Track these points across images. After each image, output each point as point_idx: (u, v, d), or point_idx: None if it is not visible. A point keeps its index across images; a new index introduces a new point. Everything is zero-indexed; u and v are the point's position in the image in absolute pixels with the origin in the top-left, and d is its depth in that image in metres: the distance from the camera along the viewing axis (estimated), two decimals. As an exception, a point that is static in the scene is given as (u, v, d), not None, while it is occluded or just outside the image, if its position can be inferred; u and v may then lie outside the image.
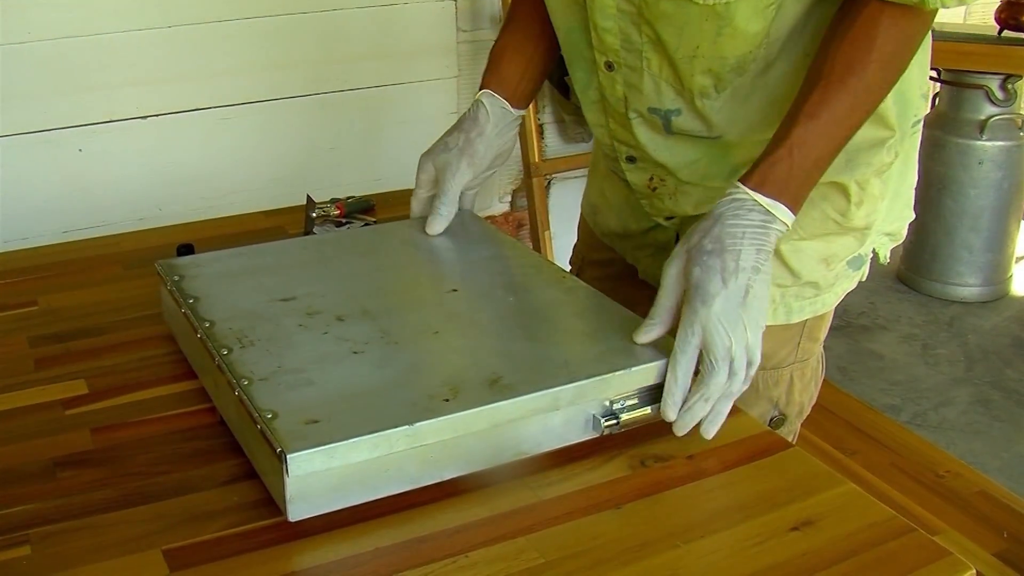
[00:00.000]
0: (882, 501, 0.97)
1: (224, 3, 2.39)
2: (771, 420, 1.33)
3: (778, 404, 1.33)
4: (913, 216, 1.42)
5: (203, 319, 1.09)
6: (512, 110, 1.36)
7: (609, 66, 1.23)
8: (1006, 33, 3.28)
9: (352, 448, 0.89)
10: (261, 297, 1.15)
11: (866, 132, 1.19)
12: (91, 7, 2.24)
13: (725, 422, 1.03)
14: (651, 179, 1.32)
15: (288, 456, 0.87)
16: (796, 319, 1.31)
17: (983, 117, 3.34)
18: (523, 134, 2.78)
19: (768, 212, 1.05)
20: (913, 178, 1.39)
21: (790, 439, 1.28)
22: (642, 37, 1.17)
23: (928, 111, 3.61)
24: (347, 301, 1.15)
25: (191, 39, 2.38)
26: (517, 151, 2.86)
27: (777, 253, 1.27)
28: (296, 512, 0.90)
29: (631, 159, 1.32)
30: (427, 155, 1.38)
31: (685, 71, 1.17)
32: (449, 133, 1.38)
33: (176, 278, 1.19)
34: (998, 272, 3.54)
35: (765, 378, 1.31)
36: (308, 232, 1.52)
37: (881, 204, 1.31)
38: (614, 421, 0.99)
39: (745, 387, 1.02)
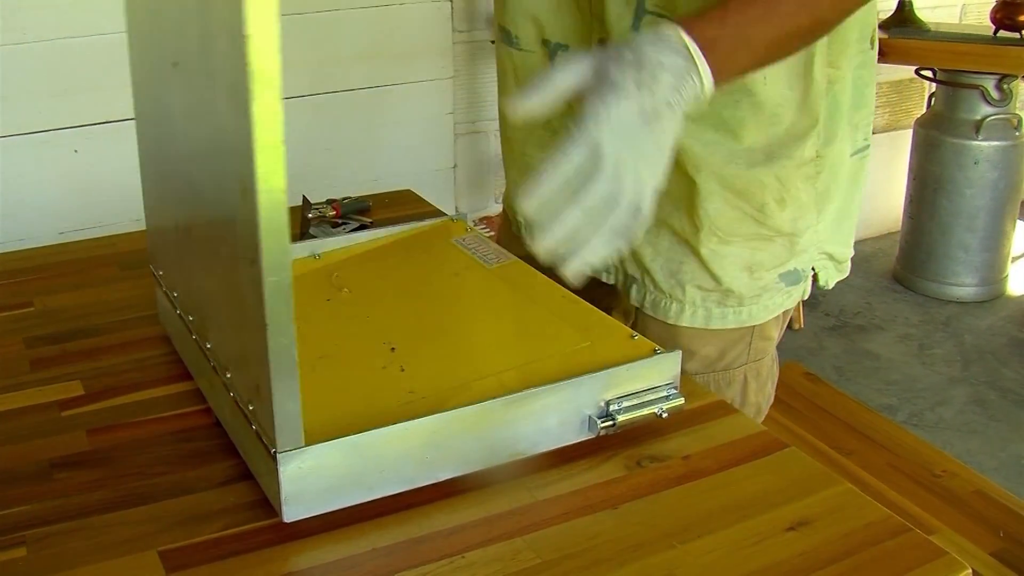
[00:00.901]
0: (878, 501, 0.97)
1: (220, 4, 2.39)
2: None
3: (733, 403, 1.28)
4: (852, 253, 1.37)
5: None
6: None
7: (602, 42, 1.19)
8: (1002, 33, 3.28)
9: (346, 448, 0.89)
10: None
11: (789, 119, 1.18)
12: (87, 8, 2.24)
13: (722, 422, 1.03)
14: None
15: (281, 456, 0.87)
16: (716, 325, 1.28)
17: (979, 117, 3.34)
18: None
19: (691, 59, 0.95)
20: (857, 209, 1.33)
21: None
22: None
23: (923, 112, 3.62)
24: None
25: (187, 40, 2.38)
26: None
27: (698, 256, 1.25)
28: (291, 513, 0.89)
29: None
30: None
31: None
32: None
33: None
34: (994, 272, 3.55)
35: (717, 380, 1.29)
36: (304, 233, 1.52)
37: (812, 214, 1.26)
38: (610, 422, 0.99)
39: (626, 231, 0.93)
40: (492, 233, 3.03)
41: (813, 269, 1.31)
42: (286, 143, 0.75)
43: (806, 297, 1.34)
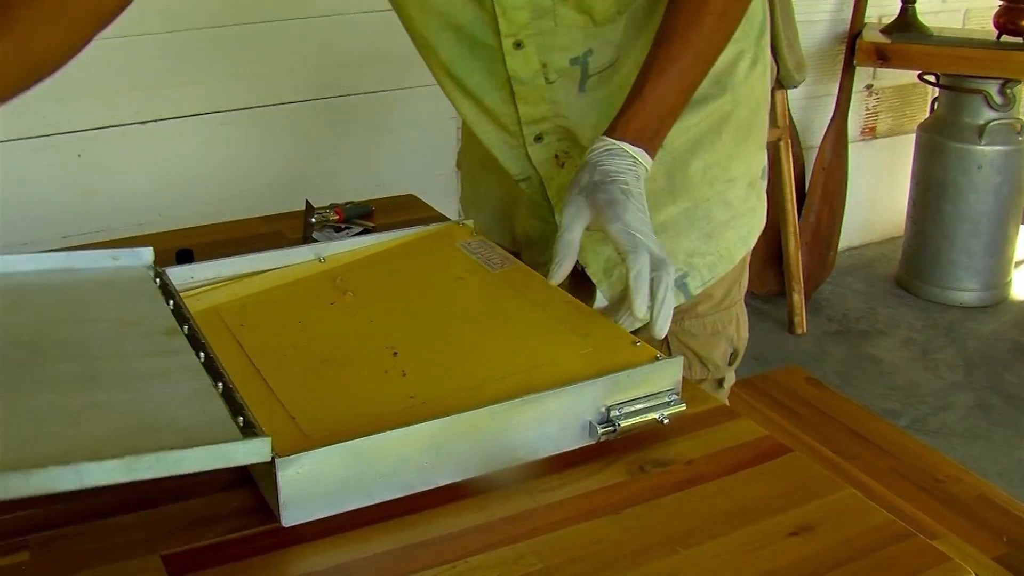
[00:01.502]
0: (882, 506, 0.97)
1: (223, 9, 2.40)
2: (730, 357, 1.46)
3: (732, 340, 1.46)
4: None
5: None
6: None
7: (518, 45, 1.27)
8: (1005, 38, 3.28)
9: (345, 453, 0.89)
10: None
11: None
12: (90, 13, 2.25)
13: (725, 427, 1.03)
14: (556, 156, 1.36)
15: (279, 461, 0.87)
16: (722, 272, 1.40)
17: (982, 122, 3.34)
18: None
19: (633, 157, 1.18)
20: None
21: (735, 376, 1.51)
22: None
23: (926, 117, 3.62)
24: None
25: (190, 45, 2.39)
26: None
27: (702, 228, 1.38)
28: (290, 517, 0.90)
29: (539, 138, 1.35)
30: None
31: (597, 6, 1.25)
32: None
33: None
34: (997, 277, 3.55)
35: (722, 318, 1.43)
36: (307, 237, 1.52)
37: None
38: (612, 428, 0.99)
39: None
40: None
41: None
42: (289, 147, 0.74)
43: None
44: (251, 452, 0.86)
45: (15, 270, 1.17)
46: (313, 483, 0.89)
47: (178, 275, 1.22)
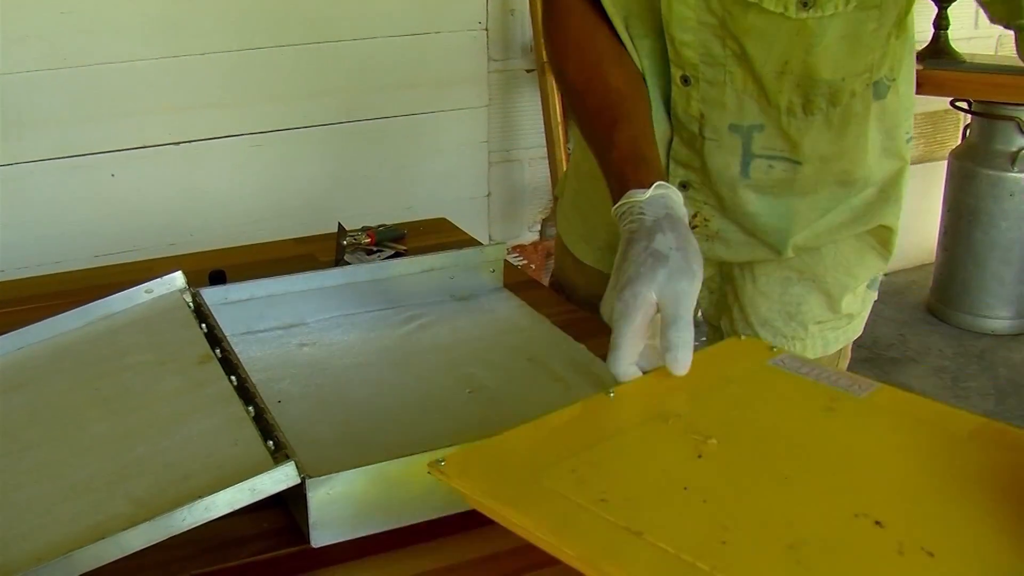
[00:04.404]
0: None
1: (257, 31, 2.41)
2: None
3: None
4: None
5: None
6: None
7: (685, 80, 1.18)
8: (1038, 65, 3.27)
9: (375, 474, 0.90)
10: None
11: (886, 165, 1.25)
12: (125, 34, 2.27)
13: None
14: (695, 215, 1.28)
15: (310, 482, 0.88)
16: (832, 350, 1.33)
17: (1015, 149, 3.32)
18: (552, 163, 2.79)
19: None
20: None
21: None
22: (726, 50, 1.14)
23: (959, 144, 3.60)
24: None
25: (224, 66, 2.40)
26: (547, 180, 2.86)
27: (822, 292, 1.32)
28: (319, 538, 0.90)
29: (685, 186, 1.26)
30: (643, 285, 1.00)
31: (772, 87, 1.14)
32: (642, 246, 1.02)
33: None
34: (1030, 305, 3.52)
35: None
36: (339, 259, 1.52)
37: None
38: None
39: None
40: (525, 262, 3.03)
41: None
42: (321, 169, 0.75)
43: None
44: (279, 479, 0.87)
45: (60, 329, 1.20)
46: (343, 505, 0.89)
47: (212, 296, 1.23)
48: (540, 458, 0.88)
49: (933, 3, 3.16)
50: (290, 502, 0.95)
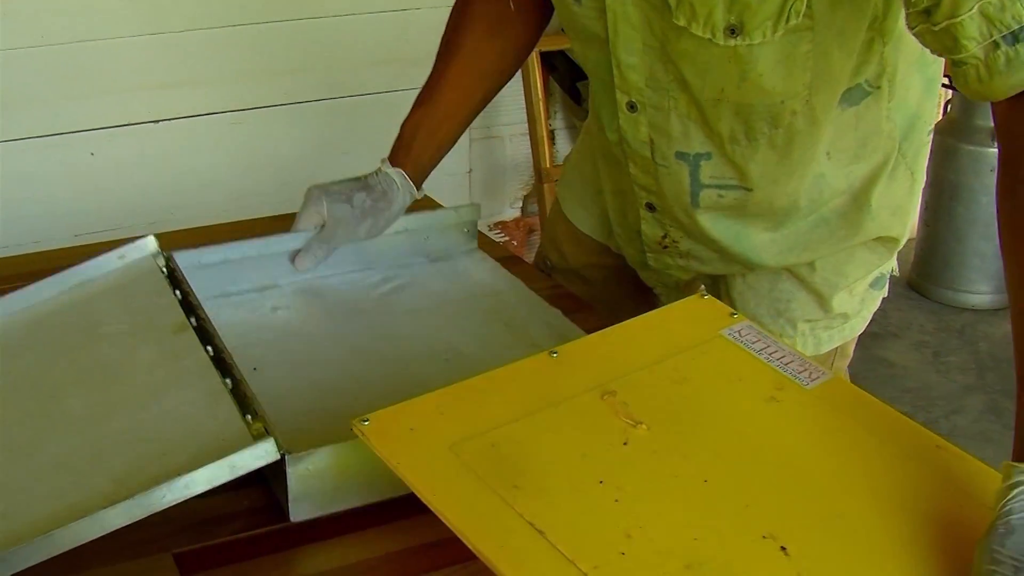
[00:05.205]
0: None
1: (237, 8, 2.40)
2: None
3: None
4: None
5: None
6: (415, 194, 1.36)
7: (631, 106, 1.18)
8: (1019, 40, 3.27)
9: (353, 449, 0.89)
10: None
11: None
12: (104, 12, 2.25)
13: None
14: (665, 236, 1.29)
15: (289, 458, 0.87)
16: (825, 350, 1.33)
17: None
18: (534, 140, 2.78)
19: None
20: (919, 189, 1.36)
21: None
22: (668, 75, 1.13)
23: (939, 119, 3.61)
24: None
25: (203, 44, 2.39)
26: (528, 156, 2.86)
27: (810, 289, 1.30)
28: (298, 512, 0.90)
29: (651, 207, 1.27)
30: (321, 195, 1.33)
31: (711, 114, 1.13)
32: (353, 187, 1.35)
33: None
34: (1010, 280, 3.53)
35: None
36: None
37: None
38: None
39: None
40: (507, 238, 3.02)
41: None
42: (302, 146, 0.74)
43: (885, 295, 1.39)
44: (259, 456, 0.87)
45: (34, 300, 1.18)
46: (321, 479, 0.89)
47: (185, 259, 1.22)
48: (465, 425, 0.88)
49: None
50: (270, 477, 0.94)
